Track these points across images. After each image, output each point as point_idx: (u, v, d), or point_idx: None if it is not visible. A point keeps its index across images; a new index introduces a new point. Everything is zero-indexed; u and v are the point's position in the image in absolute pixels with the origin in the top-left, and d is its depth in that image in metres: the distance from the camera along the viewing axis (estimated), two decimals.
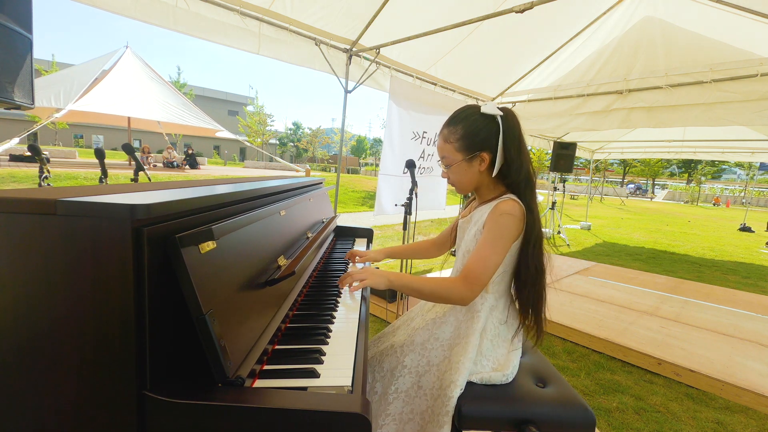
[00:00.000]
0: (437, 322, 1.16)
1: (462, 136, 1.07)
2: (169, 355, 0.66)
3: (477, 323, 1.09)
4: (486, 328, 1.11)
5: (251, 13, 2.70)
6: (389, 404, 1.09)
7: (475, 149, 1.07)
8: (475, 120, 1.07)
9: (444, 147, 1.11)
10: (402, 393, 1.09)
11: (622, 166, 39.10)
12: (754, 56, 3.15)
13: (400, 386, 1.10)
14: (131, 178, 2.59)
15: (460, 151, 1.08)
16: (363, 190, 13.52)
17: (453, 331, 1.13)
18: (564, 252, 6.26)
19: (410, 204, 2.43)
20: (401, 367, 1.12)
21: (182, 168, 14.45)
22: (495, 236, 1.02)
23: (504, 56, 4.25)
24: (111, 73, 10.51)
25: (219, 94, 42.79)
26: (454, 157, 1.09)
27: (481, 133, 1.06)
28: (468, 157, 1.08)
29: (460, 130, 1.08)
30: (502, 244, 1.02)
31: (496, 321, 1.12)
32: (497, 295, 1.12)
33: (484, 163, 1.07)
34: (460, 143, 1.08)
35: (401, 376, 1.11)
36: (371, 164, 44.68)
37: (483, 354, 1.09)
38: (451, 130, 1.10)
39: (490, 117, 1.06)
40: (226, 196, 0.88)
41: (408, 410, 1.08)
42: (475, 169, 1.09)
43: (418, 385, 1.09)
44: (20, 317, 0.64)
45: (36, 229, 0.62)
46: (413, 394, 1.09)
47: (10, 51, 1.04)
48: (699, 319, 3.18)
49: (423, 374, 1.10)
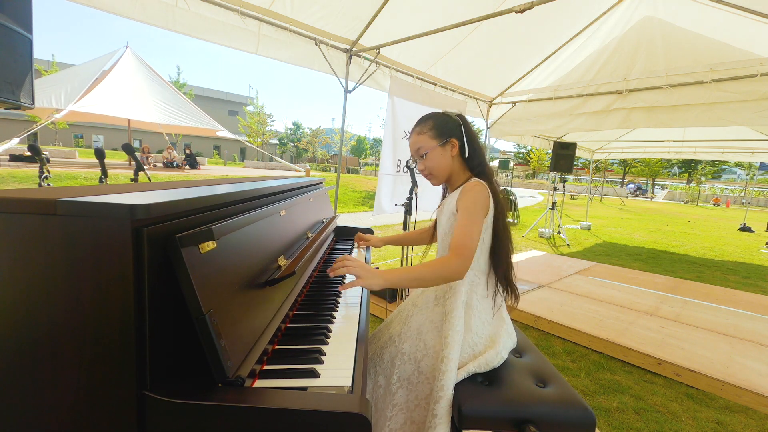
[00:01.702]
0: (429, 305, 1.25)
1: (433, 126, 1.26)
2: (170, 355, 0.66)
3: (459, 297, 1.17)
4: (470, 303, 1.18)
5: (251, 13, 2.70)
6: (394, 394, 1.13)
7: (446, 136, 1.25)
8: (441, 116, 1.29)
9: (418, 139, 1.28)
10: (404, 381, 1.13)
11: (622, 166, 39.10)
12: (754, 56, 3.15)
13: (402, 374, 1.14)
14: (131, 178, 2.59)
15: (434, 138, 1.25)
16: (363, 190, 13.52)
17: (441, 310, 1.20)
18: (564, 252, 6.26)
19: (410, 204, 2.43)
20: (401, 355, 1.17)
21: (182, 168, 14.45)
22: (469, 209, 1.13)
23: (504, 56, 4.25)
24: (111, 73, 10.50)
25: (219, 94, 42.79)
26: (430, 144, 1.25)
27: (448, 125, 1.26)
28: (442, 142, 1.24)
29: (431, 123, 1.27)
30: (477, 215, 1.13)
31: (479, 296, 1.20)
32: (476, 271, 1.21)
33: (455, 148, 1.25)
34: (434, 132, 1.25)
35: (402, 364, 1.15)
36: (371, 164, 44.68)
37: (473, 331, 1.15)
38: (422, 126, 1.28)
39: (450, 115, 1.29)
40: (226, 196, 0.88)
41: (413, 397, 1.12)
42: (447, 154, 1.26)
43: (419, 370, 1.13)
44: (20, 317, 0.64)
45: (36, 229, 0.62)
46: (415, 380, 1.13)
47: (10, 51, 1.04)
48: (699, 319, 3.18)
49: (421, 359, 1.14)
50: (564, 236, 7.31)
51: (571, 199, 20.51)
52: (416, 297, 1.33)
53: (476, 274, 1.21)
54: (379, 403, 1.15)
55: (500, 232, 1.20)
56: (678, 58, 3.58)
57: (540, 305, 3.19)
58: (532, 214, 11.78)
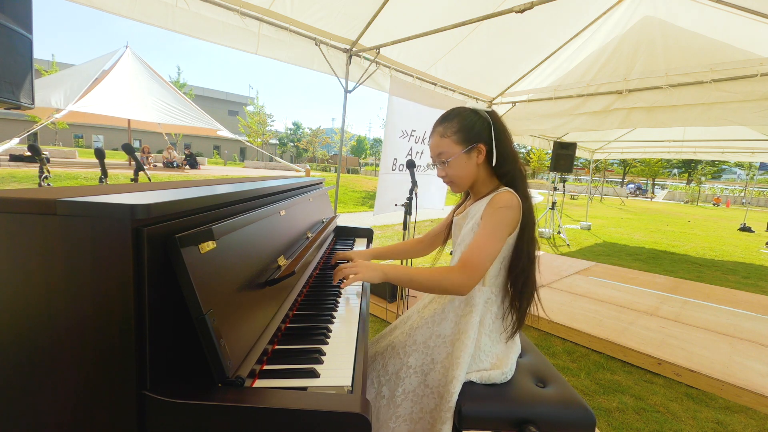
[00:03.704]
0: (436, 318, 1.16)
1: (458, 129, 1.10)
2: (169, 355, 0.66)
3: (474, 316, 1.09)
4: (483, 322, 1.11)
5: (251, 13, 2.70)
6: (398, 406, 1.09)
7: (473, 141, 1.09)
8: (468, 115, 1.11)
9: (441, 142, 1.12)
10: (410, 393, 1.10)
11: (622, 166, 39.10)
12: (754, 56, 3.15)
13: (407, 387, 1.10)
14: (131, 178, 2.59)
15: (459, 144, 1.10)
16: (363, 190, 13.52)
17: (453, 326, 1.13)
18: (564, 252, 6.26)
19: (410, 204, 2.43)
20: (406, 368, 1.12)
21: (182, 168, 14.45)
22: (494, 225, 1.03)
23: (504, 56, 4.25)
24: (111, 73, 10.48)
25: (219, 94, 42.79)
26: (453, 150, 1.10)
27: (476, 126, 1.10)
28: (467, 149, 1.09)
29: (456, 125, 1.10)
30: (500, 234, 1.03)
31: (493, 315, 1.12)
32: (495, 289, 1.12)
33: (481, 155, 1.10)
34: (458, 136, 1.10)
35: (407, 377, 1.11)
36: (371, 164, 44.68)
37: (482, 349, 1.10)
38: (446, 126, 1.12)
39: (480, 113, 1.11)
40: (226, 196, 0.88)
41: (417, 409, 1.09)
42: (473, 162, 1.11)
43: (425, 383, 1.09)
44: (20, 317, 0.64)
45: (36, 229, 0.62)
46: (421, 393, 1.09)
47: (10, 51, 1.04)
48: (699, 319, 3.18)
49: (428, 372, 1.10)
50: (564, 236, 7.31)
51: (571, 199, 20.50)
52: (423, 308, 1.24)
53: (493, 292, 1.12)
54: (381, 414, 1.12)
55: (524, 246, 1.07)
56: (678, 58, 3.58)
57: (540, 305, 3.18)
58: None
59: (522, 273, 1.08)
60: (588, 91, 4.12)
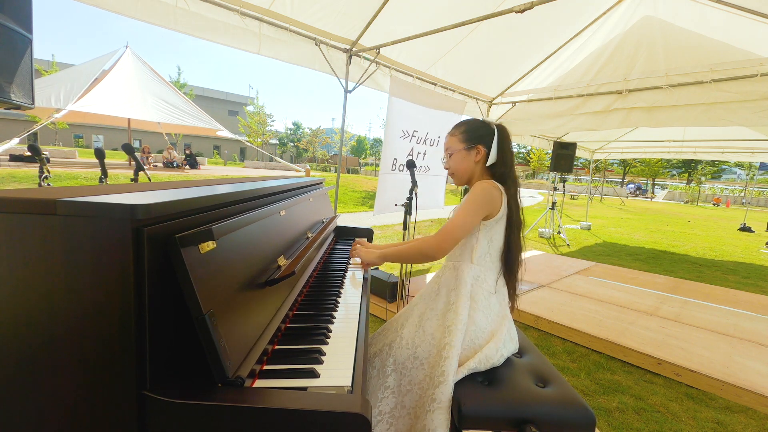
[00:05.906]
0: (432, 295, 1.30)
1: (465, 131, 1.34)
2: (169, 355, 0.66)
3: (464, 288, 1.22)
4: (476, 298, 1.21)
5: (251, 13, 2.70)
6: (387, 377, 1.17)
7: (474, 142, 1.31)
8: (476, 122, 1.36)
9: (450, 139, 1.37)
10: (399, 365, 1.17)
11: (622, 166, 39.08)
12: (754, 56, 3.15)
13: (398, 358, 1.19)
14: (131, 178, 2.59)
15: (462, 142, 1.33)
16: (363, 190, 13.52)
17: (445, 299, 1.25)
18: (564, 252, 6.26)
19: (410, 204, 2.43)
20: (399, 339, 1.22)
21: (182, 168, 14.44)
22: (467, 202, 1.20)
23: (504, 56, 4.25)
24: (111, 73, 10.48)
25: (219, 94, 42.75)
26: (457, 146, 1.33)
27: (480, 131, 1.32)
28: (468, 147, 1.31)
29: (464, 127, 1.35)
30: (473, 208, 1.19)
31: (485, 292, 1.23)
32: (483, 268, 1.25)
33: (479, 155, 1.31)
34: (463, 135, 1.33)
35: (399, 348, 1.20)
36: (371, 164, 44.67)
37: (476, 323, 1.18)
38: (457, 127, 1.37)
39: (488, 124, 1.34)
40: (226, 196, 0.88)
41: (405, 381, 1.15)
42: (471, 159, 1.32)
43: (414, 355, 1.17)
44: (20, 317, 0.64)
45: (36, 229, 0.62)
46: (410, 365, 1.16)
47: (10, 51, 1.04)
48: (699, 319, 3.18)
49: (419, 345, 1.18)
50: (564, 236, 7.31)
51: (571, 199, 20.50)
52: (423, 289, 1.39)
53: (482, 271, 1.25)
54: (371, 384, 1.19)
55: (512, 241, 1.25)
56: (678, 58, 3.58)
57: (540, 305, 3.19)
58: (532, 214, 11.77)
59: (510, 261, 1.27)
60: (588, 91, 4.12)
